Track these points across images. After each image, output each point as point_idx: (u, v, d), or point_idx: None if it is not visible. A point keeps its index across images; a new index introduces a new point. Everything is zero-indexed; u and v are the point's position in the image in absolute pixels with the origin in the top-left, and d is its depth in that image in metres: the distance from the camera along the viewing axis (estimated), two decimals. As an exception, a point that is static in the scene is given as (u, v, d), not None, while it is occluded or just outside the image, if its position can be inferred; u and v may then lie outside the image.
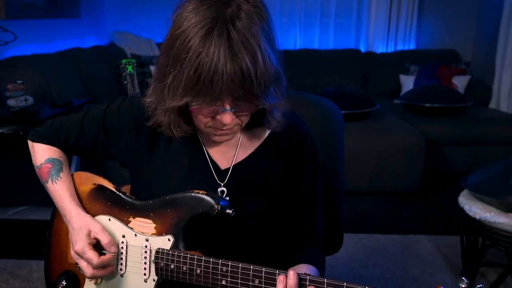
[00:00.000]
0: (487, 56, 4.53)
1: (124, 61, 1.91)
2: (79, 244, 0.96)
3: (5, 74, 2.79)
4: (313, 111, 1.32)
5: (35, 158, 1.09)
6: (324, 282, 0.82)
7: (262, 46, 0.80)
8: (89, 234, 0.97)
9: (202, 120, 0.89)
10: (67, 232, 1.06)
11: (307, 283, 0.83)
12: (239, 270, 0.87)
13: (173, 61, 0.82)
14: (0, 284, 2.14)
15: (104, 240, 0.96)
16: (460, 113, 3.77)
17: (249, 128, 0.99)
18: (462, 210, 2.02)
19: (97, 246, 0.98)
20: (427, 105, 3.72)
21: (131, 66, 1.90)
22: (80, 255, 0.96)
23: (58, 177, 1.06)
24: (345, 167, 1.40)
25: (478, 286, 0.73)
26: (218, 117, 0.86)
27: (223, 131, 0.90)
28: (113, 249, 0.96)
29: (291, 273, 0.82)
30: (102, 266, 0.97)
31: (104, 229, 0.98)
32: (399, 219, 2.93)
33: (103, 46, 4.17)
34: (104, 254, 0.97)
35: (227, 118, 0.85)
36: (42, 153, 1.08)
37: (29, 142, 1.12)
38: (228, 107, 0.84)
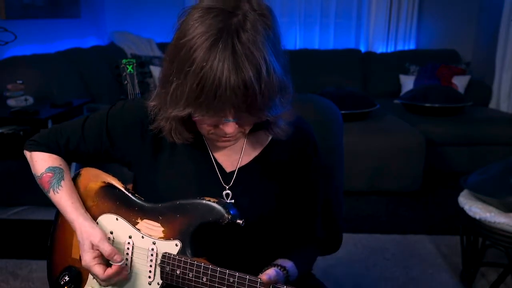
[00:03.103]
0: (487, 56, 4.53)
1: (124, 61, 1.91)
2: (85, 258, 0.95)
3: (5, 74, 2.79)
4: (312, 112, 1.32)
5: (35, 167, 1.07)
6: None
7: (267, 58, 0.79)
8: (92, 246, 0.96)
9: (205, 128, 0.89)
10: (71, 228, 1.05)
11: None
12: (246, 283, 0.85)
13: (176, 70, 0.82)
14: (0, 284, 2.14)
15: (105, 251, 0.95)
16: (460, 113, 3.77)
17: (254, 132, 0.99)
18: (462, 210, 2.02)
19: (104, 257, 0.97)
20: (427, 105, 3.72)
21: (131, 66, 1.90)
22: (89, 267, 0.95)
23: (59, 186, 1.04)
24: (344, 167, 1.40)
25: None
26: (220, 126, 0.87)
27: (226, 138, 0.91)
28: (116, 258, 0.95)
29: None
30: (110, 278, 0.95)
31: (105, 238, 0.97)
32: (399, 219, 2.93)
33: (103, 46, 4.17)
34: (111, 265, 0.96)
35: (230, 128, 0.86)
36: (42, 162, 1.06)
37: (27, 153, 1.09)
38: (230, 118, 0.84)
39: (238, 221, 0.91)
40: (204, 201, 0.93)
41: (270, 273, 0.86)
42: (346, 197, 1.46)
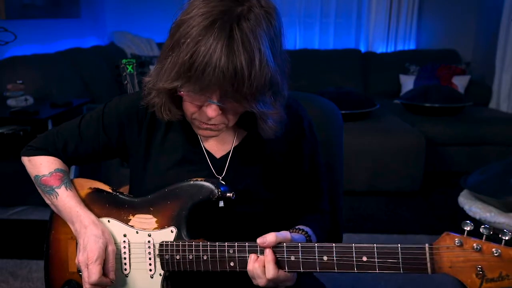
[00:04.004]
0: (487, 56, 4.53)
1: (124, 61, 1.91)
2: (95, 253, 0.93)
3: (5, 74, 2.79)
4: (312, 112, 1.31)
5: (38, 168, 1.04)
6: (299, 246, 0.83)
7: (262, 50, 0.80)
8: (105, 248, 0.95)
9: (189, 108, 0.89)
10: (66, 242, 1.05)
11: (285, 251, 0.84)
12: (246, 249, 0.87)
13: (174, 44, 0.83)
14: (0, 284, 2.14)
15: (111, 263, 0.96)
16: (460, 113, 3.77)
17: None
18: (462, 210, 2.01)
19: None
20: (427, 105, 3.72)
21: (131, 66, 1.90)
22: (89, 263, 0.93)
23: (71, 184, 1.04)
24: (344, 167, 1.40)
25: (483, 226, 0.72)
26: (203, 108, 0.87)
27: (208, 126, 0.90)
28: (112, 275, 0.95)
29: (267, 251, 0.84)
30: (98, 285, 0.94)
31: (115, 252, 0.97)
32: (399, 219, 2.93)
33: (103, 46, 4.17)
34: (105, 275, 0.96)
35: (212, 111, 0.85)
36: (48, 164, 1.05)
37: (24, 158, 1.07)
38: (215, 100, 0.84)
39: (228, 194, 0.91)
40: (191, 182, 0.93)
41: (267, 235, 0.84)
42: (346, 197, 1.46)
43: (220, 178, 1.00)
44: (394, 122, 3.52)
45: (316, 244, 0.82)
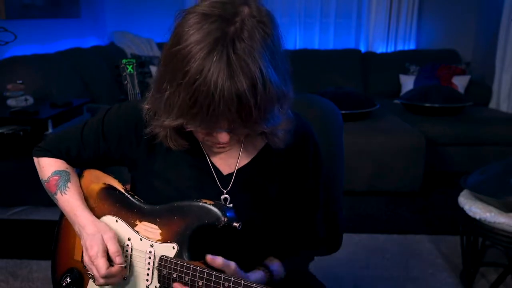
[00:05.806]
0: (487, 56, 4.53)
1: (124, 61, 1.91)
2: (94, 248, 0.94)
3: (5, 74, 2.79)
4: (312, 112, 1.31)
5: (42, 172, 1.08)
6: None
7: (263, 70, 0.76)
8: (103, 240, 0.96)
9: (199, 135, 0.89)
10: (74, 230, 1.06)
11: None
12: (242, 287, 0.85)
13: (170, 77, 0.79)
14: (0, 284, 2.14)
15: (112, 248, 0.95)
16: (460, 113, 3.77)
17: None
18: (462, 210, 2.01)
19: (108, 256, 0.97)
20: (427, 105, 3.72)
21: (131, 66, 1.90)
22: (92, 261, 0.94)
23: (67, 188, 1.05)
24: (344, 167, 1.40)
25: None
26: (214, 134, 0.85)
27: (220, 145, 0.90)
28: (118, 259, 0.94)
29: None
30: (109, 276, 0.94)
31: (115, 238, 0.97)
32: (399, 219, 2.93)
33: (103, 46, 4.17)
34: (113, 265, 0.95)
35: (224, 137, 0.85)
36: (48, 167, 1.07)
37: (35, 159, 1.11)
38: (224, 128, 0.83)
39: (235, 224, 0.90)
40: (200, 203, 0.92)
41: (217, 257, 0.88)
42: (346, 197, 1.46)
43: (225, 191, 0.99)
44: (394, 122, 3.52)
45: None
